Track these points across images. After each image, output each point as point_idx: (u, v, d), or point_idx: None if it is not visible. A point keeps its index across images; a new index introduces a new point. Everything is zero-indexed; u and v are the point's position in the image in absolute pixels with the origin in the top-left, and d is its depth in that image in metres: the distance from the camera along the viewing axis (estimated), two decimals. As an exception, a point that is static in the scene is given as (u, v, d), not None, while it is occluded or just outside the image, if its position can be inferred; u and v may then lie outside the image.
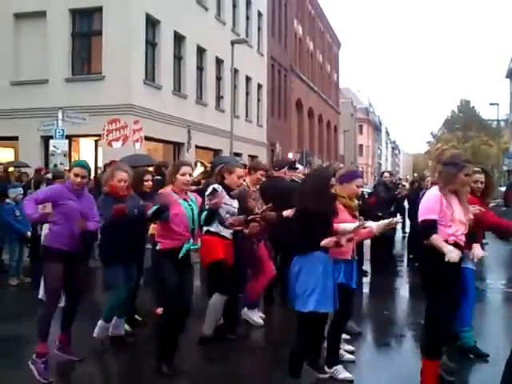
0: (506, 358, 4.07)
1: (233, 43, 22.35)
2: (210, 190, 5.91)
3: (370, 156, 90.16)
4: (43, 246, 5.45)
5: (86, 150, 19.43)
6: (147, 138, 17.29)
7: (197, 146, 22.55)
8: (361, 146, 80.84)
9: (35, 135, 17.34)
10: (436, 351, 4.50)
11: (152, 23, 19.97)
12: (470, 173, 4.65)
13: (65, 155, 15.38)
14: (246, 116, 29.87)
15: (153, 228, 6.33)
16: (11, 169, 15.28)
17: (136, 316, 6.72)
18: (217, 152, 24.99)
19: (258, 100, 32.18)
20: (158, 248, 5.24)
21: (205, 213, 5.34)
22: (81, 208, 5.26)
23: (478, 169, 5.64)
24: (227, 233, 6.03)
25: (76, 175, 5.24)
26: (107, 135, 15.31)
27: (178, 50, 22.05)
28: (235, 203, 6.08)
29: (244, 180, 6.46)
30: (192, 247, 5.23)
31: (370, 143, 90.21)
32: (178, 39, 21.94)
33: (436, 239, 4.37)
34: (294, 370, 4.61)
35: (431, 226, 4.40)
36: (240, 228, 6.12)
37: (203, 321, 5.99)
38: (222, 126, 24.19)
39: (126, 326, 6.30)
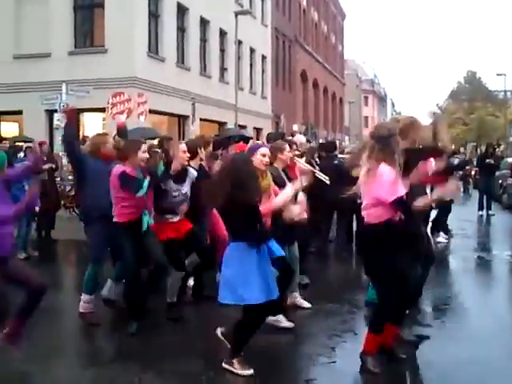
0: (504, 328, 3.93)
1: (236, 14, 22.12)
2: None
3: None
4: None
5: (90, 124, 19.37)
6: (151, 111, 17.21)
7: (201, 119, 22.43)
8: (366, 117, 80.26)
9: (39, 109, 17.26)
10: (380, 327, 4.50)
11: (154, -6, 19.73)
12: None
13: (69, 129, 15.30)
14: (251, 88, 29.65)
15: None
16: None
17: None
18: (221, 125, 24.88)
19: (263, 72, 31.91)
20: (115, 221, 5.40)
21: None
22: None
23: None
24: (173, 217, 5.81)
25: None
26: (111, 108, 15.23)
27: (181, 22, 21.81)
28: (185, 188, 5.76)
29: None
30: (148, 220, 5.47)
31: (376, 115, 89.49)
32: (181, 11, 21.69)
33: None
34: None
35: None
36: None
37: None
38: (226, 98, 24.03)
39: None
